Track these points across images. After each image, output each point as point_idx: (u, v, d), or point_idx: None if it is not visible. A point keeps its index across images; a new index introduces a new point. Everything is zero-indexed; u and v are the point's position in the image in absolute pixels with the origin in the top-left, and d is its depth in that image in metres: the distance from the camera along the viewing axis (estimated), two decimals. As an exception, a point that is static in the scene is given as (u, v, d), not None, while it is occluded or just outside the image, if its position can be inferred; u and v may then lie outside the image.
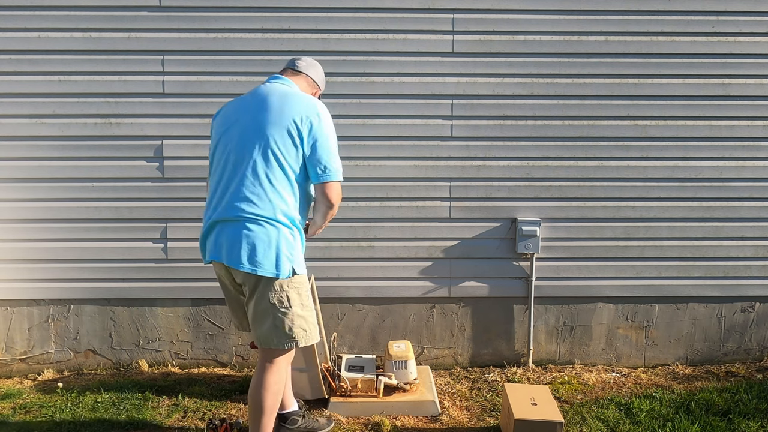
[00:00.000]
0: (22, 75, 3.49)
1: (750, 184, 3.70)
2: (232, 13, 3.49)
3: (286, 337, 2.47)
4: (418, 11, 3.52)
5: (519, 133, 3.63)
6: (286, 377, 2.58)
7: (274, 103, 2.44)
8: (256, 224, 2.39)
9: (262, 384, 2.50)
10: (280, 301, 2.44)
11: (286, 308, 2.45)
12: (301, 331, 2.49)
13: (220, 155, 2.48)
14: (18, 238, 3.58)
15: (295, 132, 2.40)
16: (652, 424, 3.07)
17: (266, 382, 2.50)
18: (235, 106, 2.53)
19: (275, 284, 2.43)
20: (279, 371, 2.52)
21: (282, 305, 2.45)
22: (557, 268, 3.72)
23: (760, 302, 3.81)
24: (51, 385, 3.51)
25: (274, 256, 2.40)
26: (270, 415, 2.53)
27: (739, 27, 3.58)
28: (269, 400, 2.51)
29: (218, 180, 2.48)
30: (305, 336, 2.51)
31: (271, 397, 2.51)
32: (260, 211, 2.39)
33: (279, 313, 2.45)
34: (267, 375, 2.51)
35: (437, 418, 3.18)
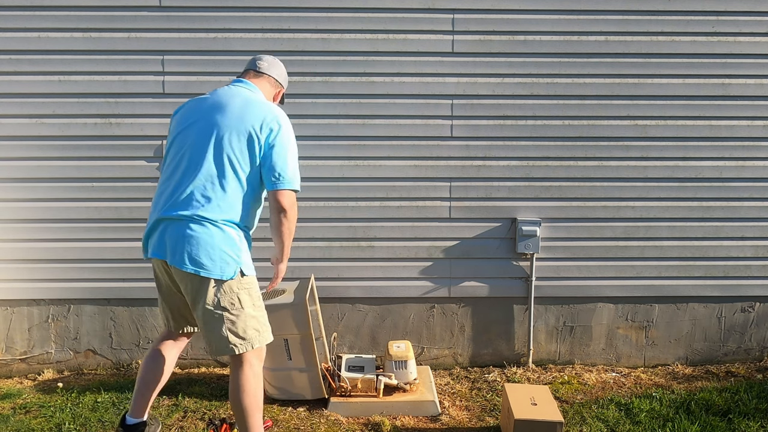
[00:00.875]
0: (22, 75, 3.49)
1: (750, 184, 3.70)
2: (232, 13, 3.49)
3: (240, 339, 2.44)
4: (418, 11, 3.52)
5: (519, 133, 3.63)
6: (259, 375, 2.53)
7: (235, 108, 2.44)
8: (200, 225, 2.36)
9: (239, 388, 2.47)
10: (232, 304, 2.41)
11: (238, 310, 2.42)
12: (254, 332, 2.47)
13: (174, 153, 2.47)
14: (18, 238, 3.58)
15: (253, 138, 2.40)
16: (652, 424, 3.07)
17: (242, 385, 2.47)
18: (195, 105, 2.51)
19: (224, 287, 2.39)
20: (252, 370, 2.49)
21: (234, 308, 2.41)
22: (557, 268, 3.72)
23: (760, 302, 3.81)
24: (51, 385, 3.51)
25: (219, 258, 2.37)
26: (255, 415, 2.50)
27: (739, 27, 3.58)
28: (250, 401, 2.48)
29: (168, 177, 2.45)
30: (259, 336, 2.48)
31: (251, 398, 2.48)
32: (206, 212, 2.36)
33: (231, 315, 2.42)
34: (241, 378, 2.48)
35: (437, 418, 3.18)
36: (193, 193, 2.38)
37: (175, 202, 2.39)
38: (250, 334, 2.46)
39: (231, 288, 2.41)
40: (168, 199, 2.41)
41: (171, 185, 2.42)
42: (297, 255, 3.66)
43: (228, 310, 2.42)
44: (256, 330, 2.48)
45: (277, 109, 2.49)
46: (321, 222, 3.64)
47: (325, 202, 3.64)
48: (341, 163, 3.61)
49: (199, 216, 2.37)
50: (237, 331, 2.44)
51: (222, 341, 2.44)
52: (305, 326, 3.14)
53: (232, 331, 2.44)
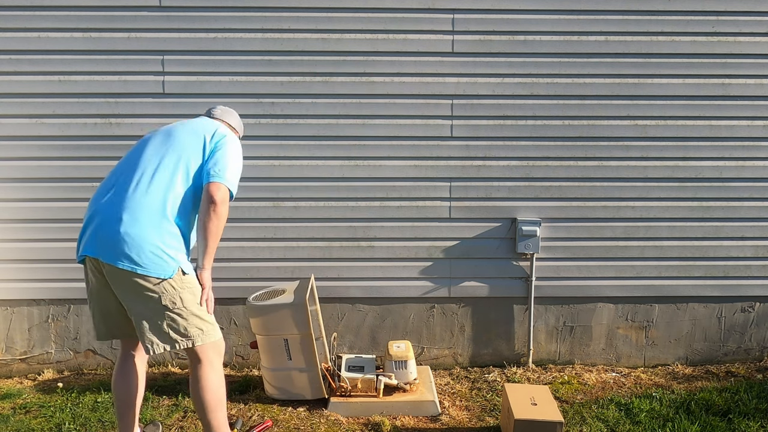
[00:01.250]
0: (22, 75, 3.49)
1: (750, 184, 3.70)
2: (232, 13, 3.49)
3: (186, 338, 2.42)
4: (418, 11, 3.52)
5: (519, 133, 3.63)
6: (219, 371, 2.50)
7: (194, 123, 2.57)
8: (140, 220, 2.33)
9: (198, 385, 2.47)
10: (173, 303, 2.38)
11: (179, 309, 2.38)
12: (197, 330, 2.43)
13: (129, 156, 2.50)
14: (18, 238, 3.58)
15: (204, 140, 2.49)
16: (652, 424, 3.07)
17: (202, 381, 2.47)
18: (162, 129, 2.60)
19: (164, 286, 2.36)
20: (211, 366, 2.47)
21: (175, 306, 2.38)
22: (557, 268, 3.72)
23: (760, 302, 3.81)
24: (51, 385, 3.51)
25: (156, 256, 2.34)
26: (218, 411, 2.50)
27: (739, 27, 3.58)
28: (210, 397, 2.47)
29: (115, 173, 2.47)
30: (202, 335, 2.44)
31: (212, 395, 2.48)
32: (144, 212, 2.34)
33: (173, 314, 2.38)
34: (200, 375, 2.47)
35: (437, 418, 3.18)
36: (136, 191, 2.37)
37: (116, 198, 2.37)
38: (193, 332, 2.42)
39: (173, 286, 2.37)
40: (106, 195, 2.40)
41: (116, 181, 2.43)
42: (297, 255, 3.66)
43: (170, 308, 2.38)
44: (199, 328, 2.43)
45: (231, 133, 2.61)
46: (321, 222, 3.64)
47: (325, 202, 3.64)
48: (341, 163, 3.61)
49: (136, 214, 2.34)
50: (179, 329, 2.41)
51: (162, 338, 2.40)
52: (305, 326, 3.14)
53: (173, 329, 2.41)
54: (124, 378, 2.59)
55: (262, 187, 3.60)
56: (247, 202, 3.59)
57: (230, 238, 3.61)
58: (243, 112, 3.50)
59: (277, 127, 3.56)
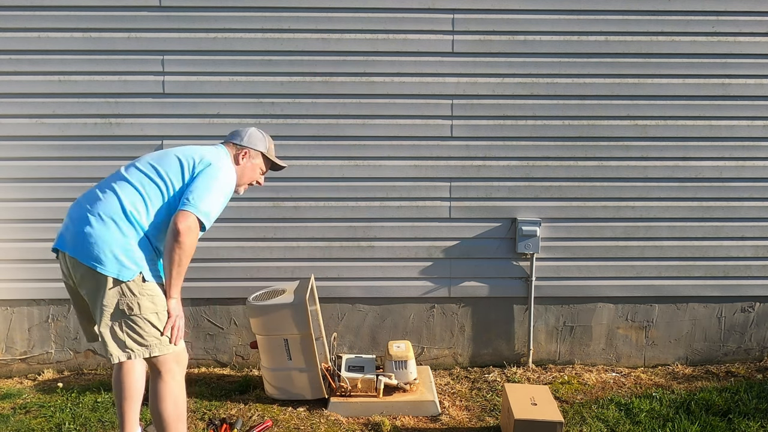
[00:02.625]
0: (22, 75, 3.49)
1: (750, 184, 3.70)
2: (232, 13, 3.49)
3: (144, 346, 2.37)
4: (418, 11, 3.52)
5: (519, 133, 3.63)
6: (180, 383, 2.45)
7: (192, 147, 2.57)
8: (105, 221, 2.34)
9: (154, 396, 2.43)
10: (130, 308, 2.34)
11: (136, 316, 2.34)
12: (154, 340, 2.38)
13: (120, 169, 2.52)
14: (18, 238, 3.58)
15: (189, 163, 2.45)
16: (652, 424, 3.07)
17: (160, 393, 2.42)
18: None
19: (122, 288, 2.33)
20: (172, 377, 2.42)
21: (132, 312, 2.34)
22: (557, 268, 3.72)
23: (760, 302, 3.81)
24: (51, 385, 3.51)
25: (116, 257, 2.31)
26: (176, 425, 2.45)
27: (739, 27, 3.58)
28: (168, 410, 2.42)
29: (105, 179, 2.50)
30: (160, 345, 2.39)
31: (170, 407, 2.43)
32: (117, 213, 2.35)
33: (128, 320, 2.34)
34: (160, 386, 2.42)
35: (437, 418, 3.18)
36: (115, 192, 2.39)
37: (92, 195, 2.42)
38: (150, 341, 2.37)
39: (132, 291, 2.33)
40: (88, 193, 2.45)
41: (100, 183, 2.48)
42: (297, 255, 3.66)
43: (126, 313, 2.34)
44: (156, 338, 2.38)
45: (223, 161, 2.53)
46: (321, 222, 3.64)
47: (325, 202, 3.64)
48: (341, 163, 3.61)
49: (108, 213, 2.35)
50: (135, 337, 2.36)
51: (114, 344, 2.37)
52: (305, 326, 3.14)
53: (130, 336, 2.36)
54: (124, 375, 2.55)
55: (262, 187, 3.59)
56: (247, 202, 3.59)
57: (230, 238, 3.61)
58: (243, 112, 3.50)
59: (277, 127, 3.55)
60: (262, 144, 2.70)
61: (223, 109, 3.54)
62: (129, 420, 2.56)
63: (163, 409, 2.42)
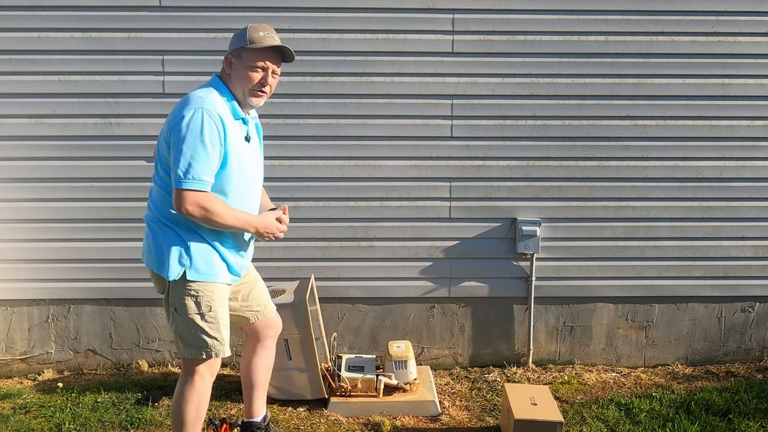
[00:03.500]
0: (22, 75, 3.49)
1: (750, 184, 3.70)
2: (232, 13, 3.49)
3: (186, 345, 2.39)
4: (418, 11, 3.52)
5: (519, 133, 3.63)
6: (207, 389, 2.45)
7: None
8: (156, 224, 2.36)
9: (180, 395, 2.42)
10: (175, 308, 2.35)
11: (181, 315, 2.34)
12: (201, 342, 2.37)
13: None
14: (18, 238, 3.58)
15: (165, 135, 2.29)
16: (652, 424, 3.07)
17: (184, 393, 2.41)
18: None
19: (171, 287, 2.34)
20: (196, 383, 2.41)
21: (177, 312, 2.35)
22: (557, 268, 3.72)
23: (760, 302, 3.81)
24: (51, 385, 3.51)
25: (164, 255, 2.31)
26: (193, 428, 2.43)
27: (739, 27, 3.58)
28: (189, 412, 2.40)
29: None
30: (206, 349, 2.38)
31: (192, 410, 2.41)
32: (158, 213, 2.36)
33: (176, 319, 2.36)
34: (185, 386, 2.42)
35: (437, 418, 3.18)
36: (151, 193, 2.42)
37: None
38: (197, 343, 2.37)
39: (178, 290, 2.34)
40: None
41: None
42: (297, 255, 3.66)
43: (174, 312, 2.36)
44: (203, 341, 2.37)
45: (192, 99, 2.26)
46: (321, 222, 3.64)
47: (325, 202, 3.64)
48: (341, 163, 3.61)
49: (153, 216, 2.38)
50: (183, 335, 2.38)
51: (175, 341, 2.44)
52: (305, 326, 3.14)
53: (179, 335, 2.39)
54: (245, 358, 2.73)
55: (262, 187, 3.60)
56: (247, 202, 3.59)
57: (230, 238, 3.61)
58: (243, 112, 3.50)
59: (277, 127, 3.55)
60: (239, 39, 2.31)
61: (223, 109, 3.54)
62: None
63: (186, 411, 2.40)
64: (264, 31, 2.31)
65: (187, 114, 2.21)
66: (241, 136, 2.38)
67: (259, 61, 2.32)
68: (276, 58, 2.35)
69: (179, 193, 2.21)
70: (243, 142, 2.39)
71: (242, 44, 2.29)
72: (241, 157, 2.35)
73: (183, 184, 2.19)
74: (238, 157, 2.34)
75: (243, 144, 2.38)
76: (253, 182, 2.47)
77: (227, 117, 2.30)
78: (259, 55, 2.31)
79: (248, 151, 2.42)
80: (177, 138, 2.21)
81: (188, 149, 2.19)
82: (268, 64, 2.33)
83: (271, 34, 2.33)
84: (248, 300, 2.65)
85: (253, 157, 2.46)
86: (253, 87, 2.34)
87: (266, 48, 2.30)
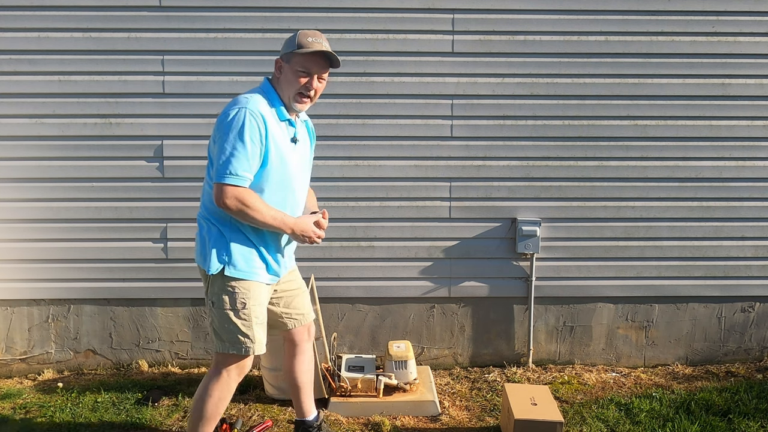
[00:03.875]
0: (22, 75, 3.48)
1: (750, 184, 3.70)
2: (232, 13, 3.49)
3: (218, 339, 2.44)
4: (418, 11, 3.52)
5: (519, 133, 3.63)
6: (231, 387, 2.49)
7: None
8: (204, 221, 2.44)
9: (204, 388, 2.47)
10: (212, 302, 2.41)
11: (218, 309, 2.40)
12: (233, 338, 2.42)
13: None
14: (18, 238, 3.58)
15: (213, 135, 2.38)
16: (652, 424, 3.07)
17: (208, 386, 2.46)
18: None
19: (210, 281, 2.41)
20: (222, 378, 2.45)
21: (214, 306, 2.41)
22: (557, 268, 3.72)
23: (760, 302, 3.81)
24: (51, 385, 3.51)
25: (207, 251, 2.39)
26: (208, 423, 2.47)
27: (739, 27, 3.58)
28: (209, 406, 2.45)
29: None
30: (237, 345, 2.42)
31: (211, 405, 2.45)
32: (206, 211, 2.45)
33: (212, 313, 2.44)
34: (211, 380, 2.47)
35: (437, 418, 3.18)
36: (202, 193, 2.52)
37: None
38: (229, 339, 2.42)
39: (215, 285, 2.40)
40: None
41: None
42: (297, 255, 3.64)
43: (211, 306, 2.44)
44: (236, 337, 2.42)
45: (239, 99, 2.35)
46: (321, 222, 3.64)
47: (325, 202, 3.63)
48: (341, 163, 3.61)
49: (200, 213, 2.48)
50: (217, 330, 2.44)
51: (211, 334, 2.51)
52: (305, 326, 3.13)
53: (214, 329, 2.45)
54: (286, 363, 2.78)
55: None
56: (247, 202, 3.59)
57: (230, 238, 3.61)
58: (243, 112, 3.49)
59: (277, 127, 3.55)
60: (289, 44, 2.39)
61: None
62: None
63: (206, 404, 2.45)
64: (313, 36, 2.38)
65: (231, 113, 2.29)
66: (286, 138, 2.44)
67: (306, 66, 2.38)
68: (322, 63, 2.41)
69: (218, 187, 2.29)
70: (288, 143, 2.45)
71: (291, 49, 2.37)
72: (283, 157, 2.41)
73: (222, 179, 2.27)
74: (281, 157, 2.40)
75: (288, 145, 2.44)
76: (296, 183, 2.50)
77: (271, 118, 2.37)
78: (306, 59, 2.37)
79: (294, 153, 2.47)
80: (219, 135, 2.30)
81: (229, 146, 2.27)
82: (315, 69, 2.39)
83: (320, 40, 2.39)
84: (289, 308, 2.69)
85: (299, 158, 2.51)
86: (299, 90, 2.40)
87: (313, 53, 2.36)
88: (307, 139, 2.61)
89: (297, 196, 2.52)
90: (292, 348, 2.77)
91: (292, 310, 2.70)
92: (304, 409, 2.82)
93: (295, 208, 2.53)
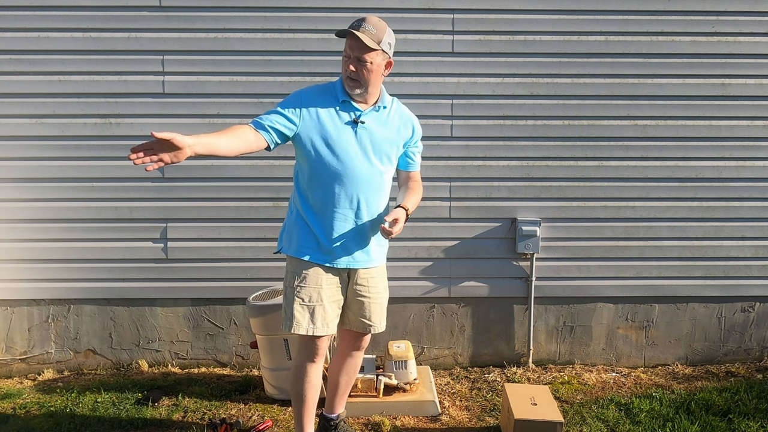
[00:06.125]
0: (22, 75, 3.49)
1: (750, 184, 3.70)
2: (232, 13, 3.49)
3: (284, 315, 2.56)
4: (418, 11, 3.52)
5: (519, 133, 3.63)
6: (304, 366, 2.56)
7: None
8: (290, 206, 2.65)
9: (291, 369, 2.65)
10: (285, 277, 2.58)
11: (285, 286, 2.57)
12: (286, 314, 2.54)
13: None
14: (18, 238, 3.58)
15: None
16: (652, 424, 3.07)
17: (292, 367, 2.63)
18: None
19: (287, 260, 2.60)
20: (296, 359, 2.61)
21: (284, 282, 2.58)
22: (557, 268, 3.72)
23: (760, 302, 3.81)
24: (51, 385, 3.51)
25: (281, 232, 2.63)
26: (296, 403, 2.61)
27: (739, 27, 3.58)
28: (294, 388, 2.60)
29: None
30: (287, 321, 2.52)
31: (296, 386, 2.59)
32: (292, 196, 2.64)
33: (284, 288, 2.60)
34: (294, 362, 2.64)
35: (437, 418, 3.18)
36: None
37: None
38: (289, 314, 2.52)
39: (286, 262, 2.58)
40: None
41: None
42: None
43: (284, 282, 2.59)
44: (287, 313, 2.53)
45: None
46: (321, 222, 3.64)
47: (325, 202, 3.63)
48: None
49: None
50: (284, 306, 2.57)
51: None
52: (305, 326, 3.13)
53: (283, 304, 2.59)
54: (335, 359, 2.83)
55: (262, 187, 3.60)
56: (247, 202, 3.59)
57: (230, 238, 3.61)
58: (243, 112, 3.49)
59: (277, 127, 3.55)
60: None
61: (223, 109, 3.54)
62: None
63: (292, 385, 2.62)
64: (357, 21, 2.43)
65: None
66: (339, 118, 2.46)
67: (345, 49, 2.43)
68: (355, 45, 2.39)
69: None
70: (341, 124, 2.45)
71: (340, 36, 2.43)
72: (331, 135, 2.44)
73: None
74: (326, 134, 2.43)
75: (341, 126, 2.45)
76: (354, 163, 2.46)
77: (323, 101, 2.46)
78: (345, 44, 2.43)
79: (348, 135, 2.46)
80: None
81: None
82: (349, 51, 2.41)
83: (357, 23, 2.41)
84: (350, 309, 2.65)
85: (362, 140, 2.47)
86: (346, 74, 2.44)
87: (346, 35, 2.40)
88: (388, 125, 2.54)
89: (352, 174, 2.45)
90: (345, 349, 2.76)
91: (357, 314, 2.64)
92: (333, 406, 2.89)
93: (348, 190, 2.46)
